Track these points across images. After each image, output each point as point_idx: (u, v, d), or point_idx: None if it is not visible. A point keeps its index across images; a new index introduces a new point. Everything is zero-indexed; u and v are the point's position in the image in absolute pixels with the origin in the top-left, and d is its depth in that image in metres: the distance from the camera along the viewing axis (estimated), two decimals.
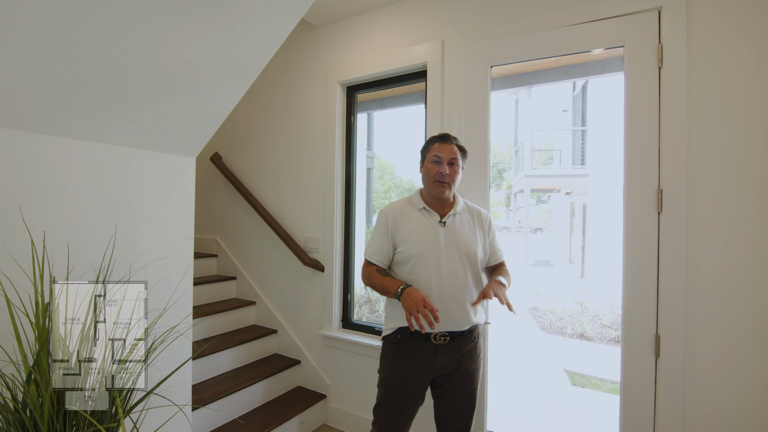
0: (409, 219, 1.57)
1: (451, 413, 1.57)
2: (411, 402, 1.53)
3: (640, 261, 1.66)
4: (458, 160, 1.56)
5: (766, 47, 1.48)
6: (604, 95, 8.16)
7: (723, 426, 1.54)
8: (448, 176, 1.53)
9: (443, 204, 1.59)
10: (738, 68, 1.52)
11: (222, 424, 2.16)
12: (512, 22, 1.94)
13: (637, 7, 1.66)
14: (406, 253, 1.53)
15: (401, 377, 1.52)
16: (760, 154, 1.49)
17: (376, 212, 3.89)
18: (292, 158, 2.75)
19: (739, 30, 1.52)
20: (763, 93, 1.48)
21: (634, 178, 1.67)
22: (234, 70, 1.50)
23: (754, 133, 1.50)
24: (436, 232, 1.54)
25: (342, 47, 2.53)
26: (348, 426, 2.45)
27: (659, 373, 1.62)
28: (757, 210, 1.49)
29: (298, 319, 2.72)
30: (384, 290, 1.52)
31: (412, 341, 1.53)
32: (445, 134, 1.60)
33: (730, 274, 1.53)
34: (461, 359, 1.55)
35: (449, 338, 1.52)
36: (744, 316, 1.51)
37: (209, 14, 1.24)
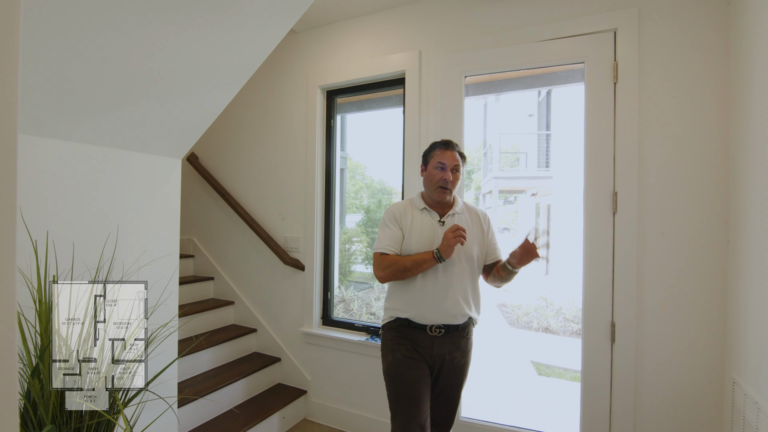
0: (411, 217, 1.64)
1: (440, 404, 1.64)
2: (419, 381, 1.56)
3: (598, 257, 1.84)
4: (460, 166, 1.63)
5: (704, 65, 1.69)
6: (566, 102, 8.59)
7: (669, 399, 1.74)
8: (451, 183, 1.59)
9: (443, 205, 1.66)
10: (681, 84, 1.73)
11: (205, 421, 2.19)
12: (485, 36, 2.09)
13: (595, 28, 1.84)
14: (406, 249, 1.60)
15: (404, 357, 1.57)
16: (699, 161, 1.70)
17: (349, 212, 3.98)
18: (273, 159, 2.80)
19: (682, 50, 1.72)
20: (702, 106, 1.69)
21: (593, 181, 1.85)
22: (223, 77, 1.56)
23: (694, 142, 1.71)
24: (435, 230, 1.61)
25: (323, 52, 2.60)
26: (328, 419, 2.53)
27: (615, 357, 1.81)
28: (698, 210, 1.70)
29: (278, 317, 2.77)
30: (417, 263, 1.54)
31: (410, 329, 1.60)
32: (448, 141, 1.66)
33: (674, 267, 1.73)
34: (454, 353, 1.61)
35: (444, 331, 1.58)
36: (685, 302, 1.72)
37: (201, 22, 1.30)
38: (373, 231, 3.33)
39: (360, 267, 4.12)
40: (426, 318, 1.58)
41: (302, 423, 2.55)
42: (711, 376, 1.68)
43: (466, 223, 1.66)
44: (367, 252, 3.72)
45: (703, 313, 1.69)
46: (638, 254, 1.78)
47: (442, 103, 2.17)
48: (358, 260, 4.02)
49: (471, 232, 1.64)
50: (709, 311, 1.68)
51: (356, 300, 4.21)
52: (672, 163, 1.74)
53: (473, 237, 1.64)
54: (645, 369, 1.78)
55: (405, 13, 2.33)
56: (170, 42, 1.29)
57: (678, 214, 1.73)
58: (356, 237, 3.87)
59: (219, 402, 2.28)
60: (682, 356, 1.72)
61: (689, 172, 1.71)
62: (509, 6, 2.04)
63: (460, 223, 1.63)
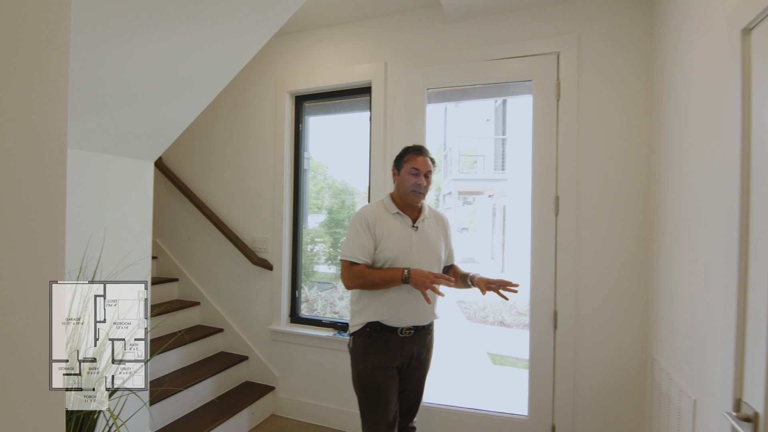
0: (385, 222, 1.63)
1: (407, 396, 1.73)
2: (388, 388, 1.60)
3: (543, 254, 2.07)
4: (431, 172, 1.68)
5: (631, 87, 1.96)
6: (520, 110, 9.08)
7: (602, 375, 2.00)
8: (424, 188, 1.65)
9: (414, 209, 1.70)
10: (612, 102, 1.99)
11: (174, 420, 2.22)
12: (446, 52, 2.27)
13: (542, 50, 2.07)
14: (383, 255, 1.60)
15: (374, 366, 1.60)
16: (625, 169, 1.96)
17: (311, 213, 4.05)
18: (241, 162, 2.84)
19: (613, 73, 1.99)
20: (628, 122, 1.96)
21: (539, 186, 2.08)
22: (200, 84, 1.63)
23: (622, 153, 1.97)
24: (409, 235, 1.64)
25: (293, 59, 2.69)
26: (295, 413, 2.63)
27: (557, 342, 2.04)
28: (625, 213, 1.97)
29: (245, 316, 2.82)
30: (385, 280, 1.55)
31: (380, 334, 1.61)
32: (420, 146, 1.70)
33: (606, 261, 1.99)
34: (420, 350, 1.68)
35: (413, 332, 1.64)
36: (615, 291, 1.98)
37: (181, 32, 1.36)
38: (336, 231, 3.42)
39: (323, 267, 4.21)
40: (399, 321, 1.61)
41: (270, 418, 2.63)
42: (635, 354, 1.95)
43: (434, 227, 1.73)
44: (331, 252, 3.81)
45: (630, 301, 1.96)
46: (576, 251, 2.02)
47: (407, 112, 2.33)
48: (321, 261, 4.11)
49: (438, 236, 1.72)
50: (634, 299, 1.95)
51: (320, 300, 4.28)
52: (604, 171, 2.00)
53: (440, 242, 1.72)
54: (582, 350, 2.03)
55: (372, 26, 2.48)
56: (149, 50, 1.35)
57: (608, 215, 1.99)
58: (319, 237, 3.94)
59: (187, 400, 2.31)
60: (613, 338, 1.98)
61: (618, 179, 1.98)
62: (468, 26, 2.24)
63: (429, 228, 1.70)
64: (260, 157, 2.78)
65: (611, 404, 1.99)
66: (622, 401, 1.97)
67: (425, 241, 1.66)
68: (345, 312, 3.05)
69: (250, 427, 2.47)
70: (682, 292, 1.51)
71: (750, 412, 1.01)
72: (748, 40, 1.05)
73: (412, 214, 1.69)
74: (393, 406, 1.62)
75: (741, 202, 1.06)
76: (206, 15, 1.33)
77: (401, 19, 2.40)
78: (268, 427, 2.53)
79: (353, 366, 1.66)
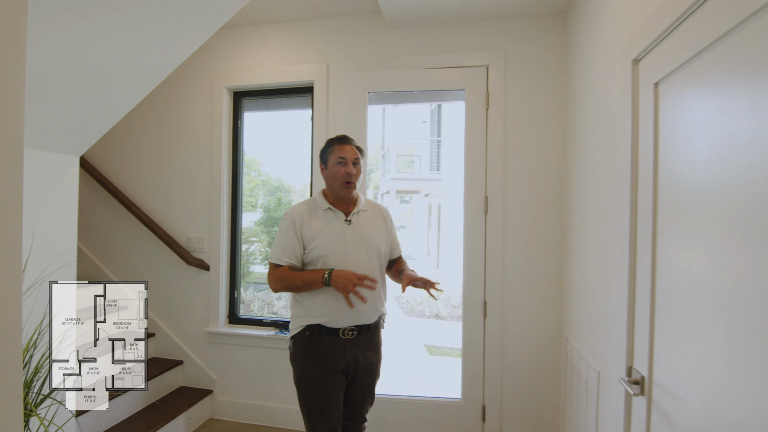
0: (315, 219, 1.58)
1: (354, 401, 1.66)
2: (330, 395, 1.55)
3: (474, 249, 2.26)
4: (360, 160, 1.62)
5: (548, 100, 2.20)
6: (454, 113, 9.53)
7: (525, 356, 2.23)
8: (354, 176, 1.58)
9: (347, 203, 1.63)
10: (532, 113, 2.22)
11: (103, 431, 2.08)
12: (387, 58, 2.37)
13: (473, 63, 2.25)
14: (315, 253, 1.55)
15: (314, 375, 1.54)
16: (543, 173, 2.21)
17: (246, 211, 3.95)
18: (175, 158, 2.72)
19: (534, 86, 2.22)
20: (546, 131, 2.20)
21: (471, 187, 2.26)
22: (136, 77, 1.56)
23: (540, 159, 2.21)
24: (342, 230, 1.58)
25: (232, 54, 2.62)
26: (235, 415, 2.58)
27: (486, 329, 2.24)
28: (543, 211, 2.21)
29: (180, 319, 2.71)
30: (307, 283, 1.51)
31: (321, 338, 1.54)
32: (343, 136, 1.64)
33: (527, 254, 2.22)
34: (367, 353, 1.62)
35: (357, 332, 1.57)
36: (535, 281, 2.22)
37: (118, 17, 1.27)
38: (273, 230, 3.37)
39: (259, 267, 4.12)
40: (340, 321, 1.55)
41: (208, 422, 2.56)
42: (552, 336, 2.20)
43: (372, 219, 1.66)
44: (267, 252, 3.74)
45: (547, 289, 2.21)
46: (503, 246, 2.23)
47: (348, 113, 2.39)
48: (257, 260, 4.02)
49: (377, 229, 1.66)
50: (551, 287, 2.20)
51: (256, 301, 4.20)
52: (526, 174, 2.23)
53: (380, 234, 1.67)
54: (508, 336, 2.24)
55: (314, 27, 2.50)
56: (78, 38, 1.28)
57: (530, 214, 2.23)
58: (254, 236, 3.86)
59: (116, 410, 2.18)
60: (533, 322, 2.22)
61: (537, 181, 2.22)
62: (407, 35, 2.36)
63: (366, 220, 1.64)
64: (196, 154, 2.68)
65: (533, 382, 2.23)
66: (542, 378, 2.22)
67: (361, 235, 1.60)
68: (283, 312, 3.05)
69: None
70: (588, 280, 1.75)
71: (638, 376, 1.22)
72: (636, 68, 1.26)
73: (346, 208, 1.63)
74: (334, 412, 1.56)
75: (631, 201, 1.27)
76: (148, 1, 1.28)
77: (344, 23, 2.46)
78: (208, 429, 2.46)
79: (294, 369, 1.60)
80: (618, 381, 1.31)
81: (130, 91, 1.58)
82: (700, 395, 0.91)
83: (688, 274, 0.97)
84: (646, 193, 1.19)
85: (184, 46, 1.53)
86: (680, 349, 1.00)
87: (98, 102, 1.53)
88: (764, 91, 0.72)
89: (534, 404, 2.22)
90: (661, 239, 1.12)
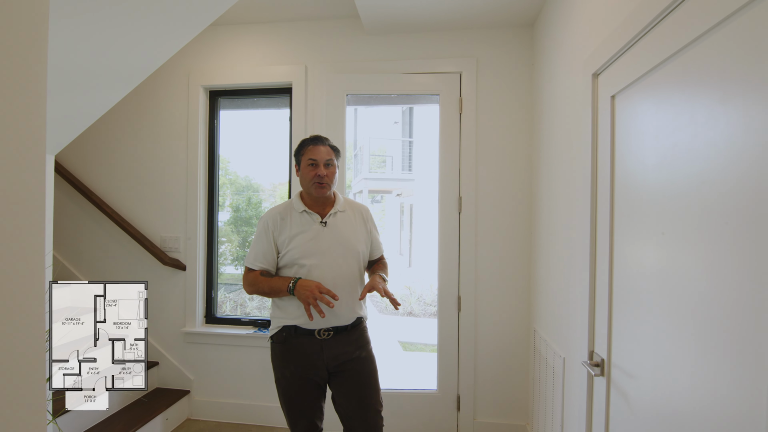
0: (290, 223, 1.58)
1: (354, 406, 1.58)
2: (309, 396, 1.56)
3: (449, 247, 2.37)
4: (333, 160, 1.60)
5: (517, 106, 2.34)
6: (425, 115, 9.71)
7: (496, 346, 2.36)
8: (326, 177, 1.56)
9: (324, 204, 1.62)
10: (503, 118, 2.35)
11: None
12: (365, 62, 2.45)
13: (447, 69, 2.36)
14: (289, 257, 1.55)
15: (292, 375, 1.55)
16: (513, 175, 2.35)
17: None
18: (149, 159, 2.68)
19: (504, 93, 2.35)
20: (516, 135, 2.34)
21: (445, 188, 2.37)
22: (121, 74, 1.55)
23: (511, 161, 2.35)
24: (317, 233, 1.57)
25: (209, 53, 2.62)
26: (213, 415, 2.58)
27: (461, 323, 2.36)
28: (513, 211, 2.35)
29: (155, 320, 2.67)
30: (274, 290, 1.52)
31: (297, 339, 1.55)
32: (317, 136, 1.63)
33: (498, 251, 2.36)
34: (349, 350, 1.58)
35: (333, 333, 1.56)
36: (506, 276, 2.36)
37: (108, 17, 1.28)
38: (243, 230, 3.34)
39: (230, 269, 4.08)
40: (314, 323, 1.53)
41: (186, 423, 2.55)
42: (522, 328, 2.35)
43: (350, 220, 1.65)
44: (237, 252, 3.71)
45: (517, 284, 2.35)
46: (475, 244, 2.36)
47: (327, 114, 2.45)
48: (227, 261, 3.98)
49: (354, 230, 1.64)
50: (520, 282, 2.35)
51: (228, 302, 4.16)
52: (496, 176, 2.36)
53: (358, 235, 1.65)
54: (481, 328, 2.37)
55: (293, 29, 2.54)
56: (71, 36, 1.27)
57: (500, 213, 2.36)
58: (224, 237, 3.80)
59: (91, 413, 2.14)
60: (504, 315, 2.36)
61: (507, 183, 2.35)
62: (384, 40, 2.44)
63: (343, 221, 1.62)
64: (171, 154, 2.65)
65: (504, 372, 2.36)
66: (513, 368, 2.36)
67: (337, 237, 1.59)
68: (256, 312, 3.06)
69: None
70: (554, 275, 1.89)
71: (599, 359, 1.36)
72: (596, 82, 1.40)
73: (322, 210, 1.62)
74: (310, 414, 1.58)
75: (591, 203, 1.41)
76: (151, 10, 1.29)
77: (322, 26, 2.51)
78: (186, 429, 2.46)
79: (273, 369, 1.62)
80: (581, 364, 1.45)
81: (113, 89, 1.58)
82: (650, 373, 1.04)
83: (640, 267, 1.10)
84: (604, 196, 1.33)
85: (170, 45, 1.55)
86: (634, 334, 1.13)
87: (81, 99, 1.52)
88: (701, 108, 0.85)
89: (506, 392, 2.36)
90: (617, 237, 1.25)
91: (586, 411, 1.43)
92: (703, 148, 0.85)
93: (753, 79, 0.71)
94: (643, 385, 1.09)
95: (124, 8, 1.26)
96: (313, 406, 1.59)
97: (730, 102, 0.77)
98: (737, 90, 0.75)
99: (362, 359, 1.62)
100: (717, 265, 0.79)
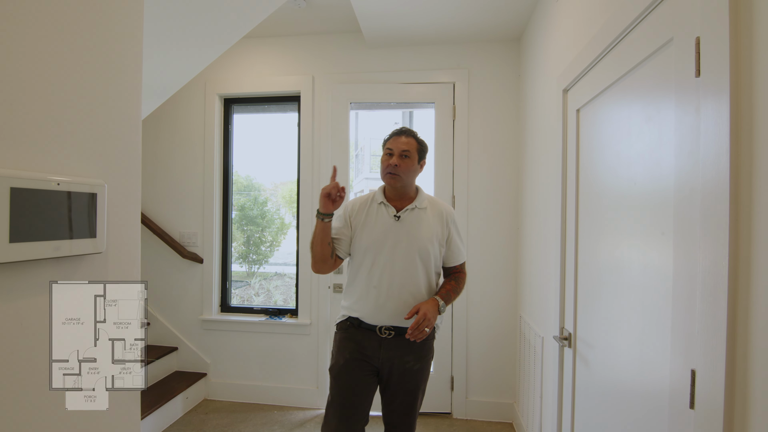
0: (366, 212, 1.58)
1: (393, 410, 1.59)
2: (358, 385, 1.52)
3: None
4: (412, 153, 1.56)
5: (506, 114, 2.58)
6: (424, 118, 9.92)
7: (486, 332, 2.59)
8: (398, 168, 1.52)
9: (402, 198, 1.59)
10: (493, 125, 2.59)
11: None
12: (366, 73, 2.68)
13: (442, 80, 2.59)
14: (357, 245, 1.56)
15: (346, 362, 1.53)
16: (502, 176, 2.58)
17: None
18: (168, 160, 2.91)
19: (494, 102, 2.59)
20: (505, 140, 2.58)
21: (440, 187, 2.61)
22: (152, 90, 1.79)
23: (500, 164, 2.58)
24: (388, 226, 1.54)
25: (223, 64, 2.85)
26: (228, 395, 2.82)
27: (454, 310, 2.59)
28: (502, 208, 2.58)
29: (174, 309, 2.91)
30: (314, 232, 1.51)
31: (359, 330, 1.55)
32: (402, 128, 1.63)
33: (488, 245, 2.59)
34: (405, 357, 1.53)
35: (394, 333, 1.52)
36: (496, 268, 2.59)
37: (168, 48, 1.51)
38: (248, 229, 3.44)
39: (235, 266, 4.26)
40: (375, 318, 1.52)
41: (203, 403, 2.79)
42: (509, 314, 2.58)
43: (427, 219, 1.58)
44: (243, 250, 3.86)
45: (505, 274, 2.59)
46: (469, 237, 2.59)
47: (332, 120, 2.68)
48: (232, 258, 4.15)
49: (428, 228, 1.57)
50: (508, 272, 2.58)
51: (235, 297, 4.38)
52: (487, 177, 2.60)
53: (431, 234, 1.56)
54: (472, 315, 2.60)
55: (301, 42, 2.77)
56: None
57: (490, 210, 2.59)
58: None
59: None
60: (494, 304, 2.60)
61: (496, 183, 2.59)
62: (384, 53, 2.67)
63: (418, 219, 1.56)
64: (189, 156, 2.88)
65: (493, 354, 2.60)
66: (501, 351, 2.59)
67: (407, 232, 1.53)
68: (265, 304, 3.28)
69: (185, 411, 2.61)
70: (536, 266, 2.13)
71: (567, 333, 1.59)
72: (566, 97, 1.63)
73: (400, 204, 1.59)
74: (360, 413, 1.52)
75: (561, 203, 1.64)
76: (184, 35, 1.52)
77: (328, 39, 2.74)
78: (204, 408, 2.70)
79: (331, 357, 1.61)
80: (552, 339, 1.68)
81: (147, 103, 1.81)
82: (604, 342, 1.28)
83: (598, 257, 1.34)
84: (571, 198, 1.56)
85: (199, 64, 1.77)
86: (593, 312, 1.37)
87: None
88: (634, 124, 1.09)
89: (495, 374, 2.60)
90: (581, 233, 1.49)
91: (558, 376, 1.66)
92: (634, 157, 1.08)
93: (664, 107, 0.95)
94: (599, 352, 1.32)
95: (167, 37, 1.50)
96: (361, 403, 1.53)
97: (652, 121, 1.01)
98: (655, 113, 0.99)
99: (414, 372, 1.55)
100: (649, 255, 1.02)
